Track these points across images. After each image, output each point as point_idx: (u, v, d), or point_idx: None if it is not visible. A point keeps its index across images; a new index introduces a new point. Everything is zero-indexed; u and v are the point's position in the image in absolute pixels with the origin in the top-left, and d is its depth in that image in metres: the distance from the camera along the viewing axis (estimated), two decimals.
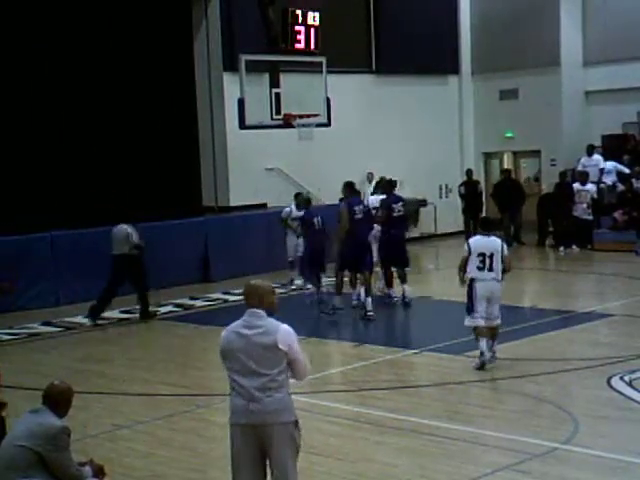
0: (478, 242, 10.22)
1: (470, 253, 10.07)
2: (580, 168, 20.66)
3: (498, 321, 10.28)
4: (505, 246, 10.31)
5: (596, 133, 21.96)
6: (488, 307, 10.08)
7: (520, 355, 10.99)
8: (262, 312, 5.56)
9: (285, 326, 5.57)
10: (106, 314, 14.61)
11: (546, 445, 7.64)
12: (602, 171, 20.49)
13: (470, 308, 10.14)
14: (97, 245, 15.98)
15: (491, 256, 10.01)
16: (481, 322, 10.12)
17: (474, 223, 19.97)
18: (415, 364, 10.82)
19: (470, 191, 21.17)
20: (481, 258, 10.00)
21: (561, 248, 19.64)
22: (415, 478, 7.17)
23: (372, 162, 21.26)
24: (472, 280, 10.07)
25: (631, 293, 14.77)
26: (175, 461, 7.81)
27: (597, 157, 20.77)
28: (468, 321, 10.20)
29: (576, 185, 19.81)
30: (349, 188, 13.71)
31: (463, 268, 10.17)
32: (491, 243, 10.16)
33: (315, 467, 7.43)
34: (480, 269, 10.01)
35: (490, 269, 10.00)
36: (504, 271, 10.12)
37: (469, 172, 21.86)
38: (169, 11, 19.35)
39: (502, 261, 10.07)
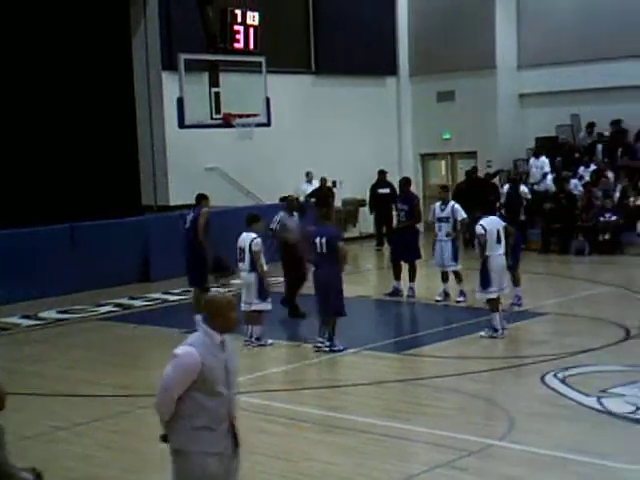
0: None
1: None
2: (528, 168, 21.11)
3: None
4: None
5: (530, 135, 22.41)
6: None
7: (456, 354, 11.18)
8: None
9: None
10: (43, 314, 14.45)
11: (482, 442, 7.78)
12: (545, 175, 20.88)
13: None
14: (33, 244, 15.79)
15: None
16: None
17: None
18: (354, 363, 10.91)
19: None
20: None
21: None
22: (355, 476, 7.25)
23: (312, 162, 21.35)
24: None
25: (563, 292, 15.12)
26: (114, 462, 7.78)
27: (544, 159, 21.15)
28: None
29: (508, 186, 20.09)
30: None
31: None
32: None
33: (255, 467, 7.46)
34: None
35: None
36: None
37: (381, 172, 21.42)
38: (107, 9, 19.15)
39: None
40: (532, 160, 21.35)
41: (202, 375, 4.83)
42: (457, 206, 14.04)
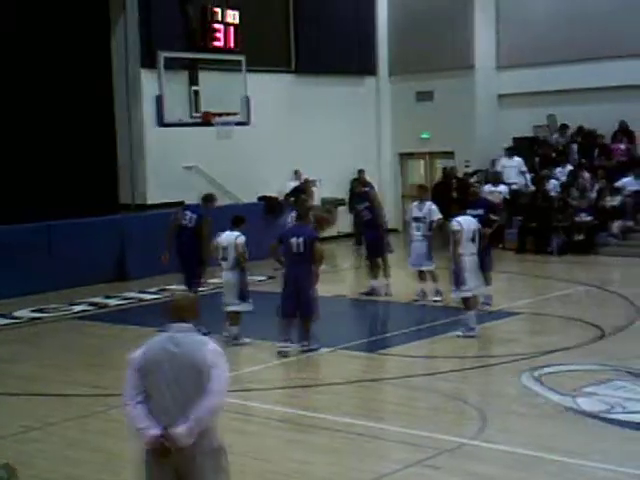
0: None
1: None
2: (499, 169, 21.16)
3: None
4: None
5: (508, 135, 22.50)
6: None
7: (431, 353, 11.24)
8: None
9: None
10: (17, 313, 14.34)
11: (456, 441, 7.82)
12: (524, 173, 21.01)
13: None
14: (9, 243, 15.69)
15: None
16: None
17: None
18: (329, 362, 10.93)
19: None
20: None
21: None
22: (329, 475, 7.27)
23: (291, 161, 21.35)
24: None
25: (538, 292, 15.23)
26: (87, 462, 7.74)
27: (518, 159, 21.25)
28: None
29: (488, 186, 20.21)
30: None
31: None
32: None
33: (231, 466, 7.46)
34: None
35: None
36: None
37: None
38: (86, 6, 19.04)
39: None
40: (504, 160, 21.42)
41: None
42: (434, 207, 13.97)
